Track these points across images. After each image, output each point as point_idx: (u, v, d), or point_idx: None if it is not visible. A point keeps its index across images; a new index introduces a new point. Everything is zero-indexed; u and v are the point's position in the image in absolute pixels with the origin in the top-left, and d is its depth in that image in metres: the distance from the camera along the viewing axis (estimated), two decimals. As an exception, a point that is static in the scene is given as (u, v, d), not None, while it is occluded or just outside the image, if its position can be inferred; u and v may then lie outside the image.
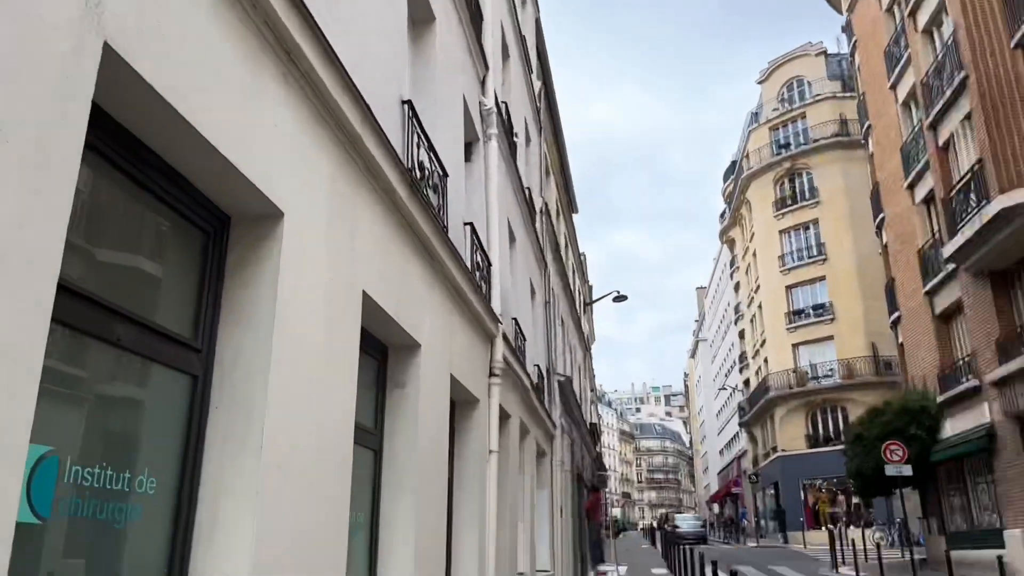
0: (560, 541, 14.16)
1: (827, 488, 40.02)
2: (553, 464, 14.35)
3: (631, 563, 26.68)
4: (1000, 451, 17.34)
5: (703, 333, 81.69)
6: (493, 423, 8.00)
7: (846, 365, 38.69)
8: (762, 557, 28.32)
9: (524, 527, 10.89)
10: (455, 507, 7.31)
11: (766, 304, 44.09)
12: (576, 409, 18.37)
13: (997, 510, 17.90)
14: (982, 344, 17.92)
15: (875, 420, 21.75)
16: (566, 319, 20.40)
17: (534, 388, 11.90)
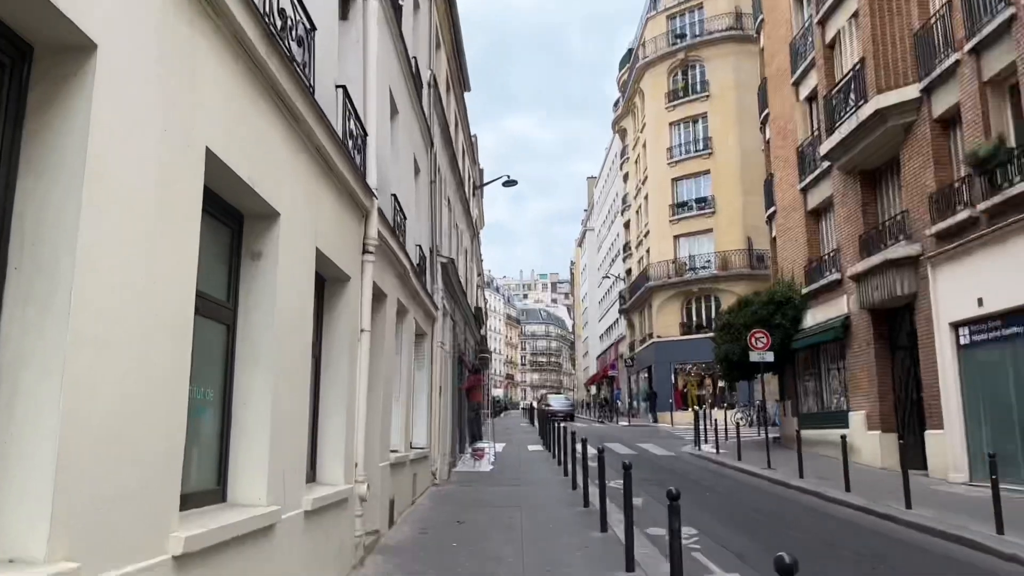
0: (438, 420, 14.34)
1: (696, 372, 42.51)
2: (433, 345, 14.33)
3: (509, 440, 27.71)
4: (852, 340, 18.64)
5: (591, 223, 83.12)
6: (366, 302, 7.72)
7: (722, 257, 40.38)
8: (632, 435, 30.01)
9: (400, 406, 10.87)
10: (323, 386, 7.09)
11: (652, 195, 44.99)
12: (460, 292, 18.31)
13: (845, 394, 19.42)
14: (847, 240, 18.89)
15: (743, 309, 22.89)
16: (453, 201, 20.02)
17: (415, 268, 11.63)
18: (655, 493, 13.37)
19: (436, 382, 14.36)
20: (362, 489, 7.41)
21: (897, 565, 7.86)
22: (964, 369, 14.38)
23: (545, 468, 17.63)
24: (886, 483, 14.42)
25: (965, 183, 14.18)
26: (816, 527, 10.18)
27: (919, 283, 15.69)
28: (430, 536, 9.17)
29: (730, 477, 16.62)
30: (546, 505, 11.62)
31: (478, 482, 14.99)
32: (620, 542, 8.44)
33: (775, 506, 12.19)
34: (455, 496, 12.87)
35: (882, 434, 17.28)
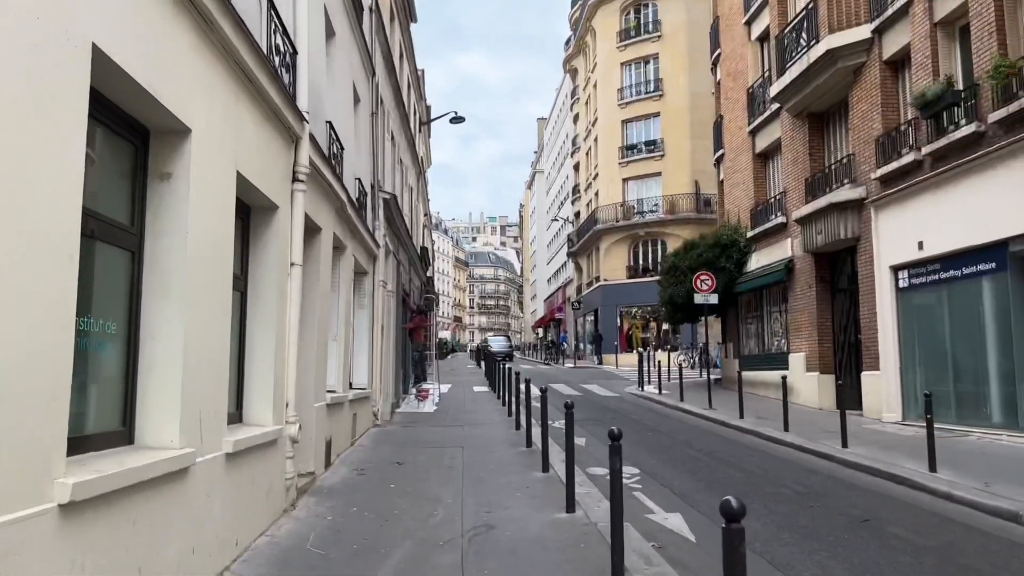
0: (380, 360, 14.02)
1: (641, 316, 42.91)
2: (375, 284, 13.90)
3: (456, 381, 27.60)
4: (795, 283, 18.81)
5: (541, 164, 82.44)
6: (296, 234, 7.26)
7: (670, 201, 40.42)
8: (578, 377, 30.21)
9: (338, 346, 10.50)
10: (250, 322, 6.67)
11: (602, 137, 44.58)
12: (404, 230, 17.81)
13: (786, 337, 19.68)
14: (793, 183, 18.89)
15: (689, 252, 22.90)
16: (398, 137, 19.34)
17: (354, 203, 11.13)
18: (598, 433, 13.36)
19: (378, 322, 13.98)
20: (293, 430, 7.08)
21: (836, 503, 7.90)
22: (902, 312, 14.60)
23: (489, 408, 17.53)
24: (823, 423, 14.70)
25: (911, 126, 14.16)
26: (756, 466, 10.25)
27: (862, 227, 15.78)
28: (367, 477, 8.92)
29: (672, 417, 16.76)
30: (488, 445, 11.48)
31: (421, 423, 14.80)
32: (561, 482, 8.32)
33: (716, 446, 12.28)
34: (396, 436, 12.65)
35: (820, 375, 17.59)
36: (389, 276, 15.80)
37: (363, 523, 6.68)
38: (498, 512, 7.02)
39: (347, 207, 10.07)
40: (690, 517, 7.24)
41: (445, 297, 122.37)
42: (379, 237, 14.04)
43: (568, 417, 7.10)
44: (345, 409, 10.74)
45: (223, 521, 5.23)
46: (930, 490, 8.55)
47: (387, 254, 15.47)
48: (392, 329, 16.05)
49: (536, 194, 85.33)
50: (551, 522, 6.62)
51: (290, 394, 7.09)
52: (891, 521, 7.11)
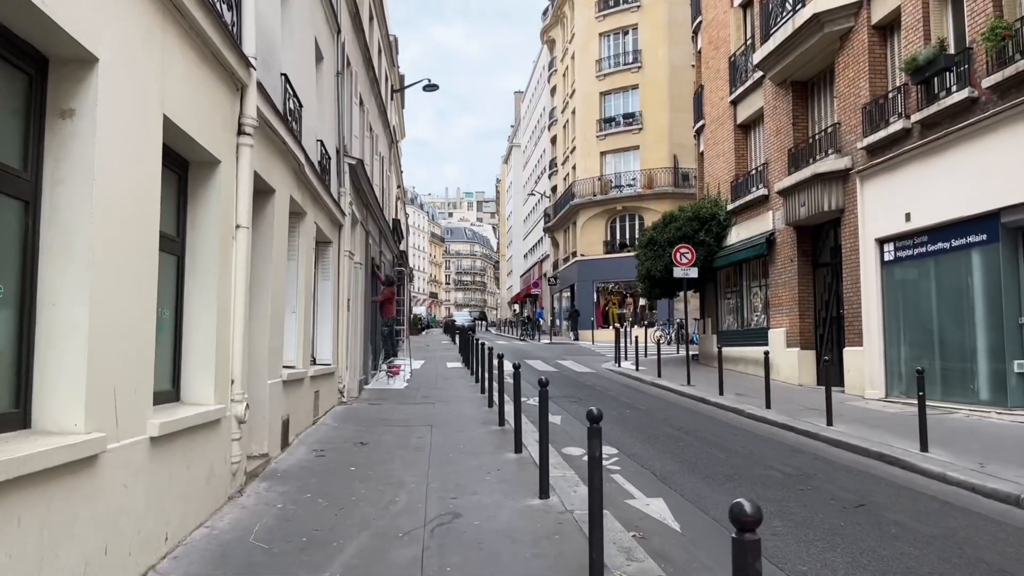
0: (345, 334, 13.34)
1: (618, 291, 42.50)
2: (340, 254, 13.18)
3: (429, 357, 26.98)
4: (776, 257, 18.35)
5: (518, 139, 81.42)
6: (243, 193, 6.55)
7: (648, 175, 39.86)
8: (553, 353, 29.73)
9: (298, 318, 9.81)
10: (188, 291, 5.98)
11: (579, 110, 43.83)
12: (373, 199, 17.05)
13: (766, 312, 19.27)
14: (775, 154, 18.37)
15: (668, 226, 22.37)
16: (368, 102, 18.50)
17: (315, 166, 10.39)
18: (574, 411, 12.83)
19: (344, 294, 13.28)
20: (239, 409, 6.42)
21: (827, 486, 7.42)
22: (886, 286, 14.18)
23: (462, 385, 16.95)
24: (804, 399, 14.30)
25: (901, 93, 13.64)
26: (740, 445, 9.77)
27: (847, 198, 15.31)
28: (327, 459, 8.30)
29: (650, 394, 16.29)
30: (459, 424, 10.90)
31: (390, 400, 14.18)
32: (535, 464, 7.77)
33: (696, 424, 11.81)
34: (362, 415, 12.02)
35: (801, 351, 17.20)
36: (356, 247, 15.07)
37: (316, 511, 6.07)
38: (466, 498, 6.44)
39: (306, 168, 9.34)
40: (673, 502, 6.72)
41: (421, 272, 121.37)
42: (344, 205, 13.30)
43: (542, 396, 6.52)
44: (305, 386, 10.08)
45: (148, 514, 4.59)
46: (923, 471, 8.11)
47: (354, 223, 14.73)
48: (360, 303, 15.36)
49: (513, 169, 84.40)
50: (523, 510, 6.05)
51: (236, 370, 6.43)
52: (887, 506, 6.64)
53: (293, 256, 9.83)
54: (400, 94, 37.13)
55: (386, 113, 23.76)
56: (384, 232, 21.25)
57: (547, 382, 6.59)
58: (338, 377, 13.09)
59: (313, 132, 10.80)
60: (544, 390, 6.51)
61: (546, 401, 6.46)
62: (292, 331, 9.72)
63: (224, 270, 6.21)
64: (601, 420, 4.38)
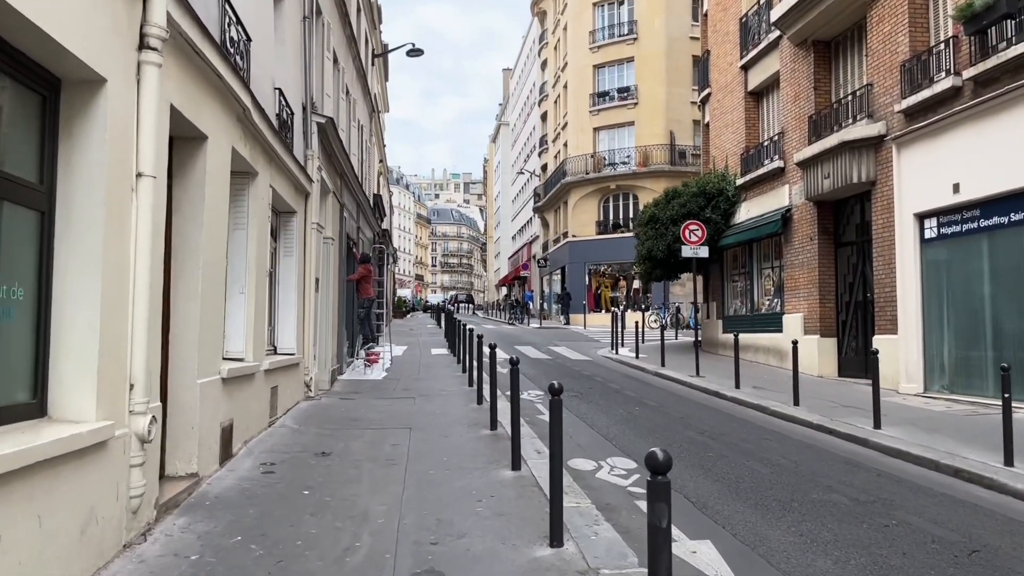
0: (313, 319, 11.61)
1: (610, 273, 40.89)
2: (306, 227, 11.43)
3: (412, 343, 25.28)
4: (793, 235, 16.73)
5: (506, 117, 79.35)
6: (148, 130, 4.80)
7: (643, 152, 38.12)
8: (544, 338, 28.09)
9: (248, 300, 8.08)
10: (59, 260, 4.25)
11: (572, 84, 41.97)
12: (348, 168, 15.24)
13: (780, 295, 17.67)
14: (794, 122, 16.70)
15: (671, 202, 20.70)
16: (344, 62, 16.63)
17: (268, 118, 8.62)
18: (576, 408, 11.18)
19: (311, 273, 11.54)
20: (140, 424, 4.71)
21: (918, 520, 5.79)
22: (926, 266, 12.58)
23: (447, 375, 15.27)
24: (832, 394, 12.73)
25: (948, 47, 11.98)
26: (780, 455, 8.15)
27: (879, 169, 13.67)
28: (276, 477, 6.60)
29: (656, 386, 14.67)
30: (443, 426, 9.22)
31: (365, 393, 12.49)
32: (538, 487, 6.11)
33: (719, 424, 10.18)
34: (331, 413, 10.32)
35: (821, 339, 15.61)
36: (328, 220, 13.31)
37: (242, 568, 4.38)
38: (450, 544, 4.77)
39: (254, 115, 7.56)
40: (725, 545, 5.07)
41: (406, 254, 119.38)
42: (312, 170, 11.52)
43: (554, 408, 4.81)
44: (258, 382, 8.36)
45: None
46: (1017, 493, 6.52)
47: (324, 193, 12.96)
48: (332, 283, 13.61)
49: (501, 148, 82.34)
50: (529, 569, 4.38)
51: (137, 371, 4.71)
52: (1007, 552, 5.02)
53: (240, 224, 8.08)
54: (383, 65, 35.20)
55: (366, 78, 21.88)
56: (363, 207, 19.46)
57: (560, 389, 4.88)
58: (304, 368, 11.38)
59: (269, 77, 9.01)
60: (556, 399, 4.82)
61: (559, 417, 4.77)
62: (239, 315, 7.99)
63: (117, 234, 4.48)
64: (668, 470, 2.68)
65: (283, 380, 9.85)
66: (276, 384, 9.39)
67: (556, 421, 4.66)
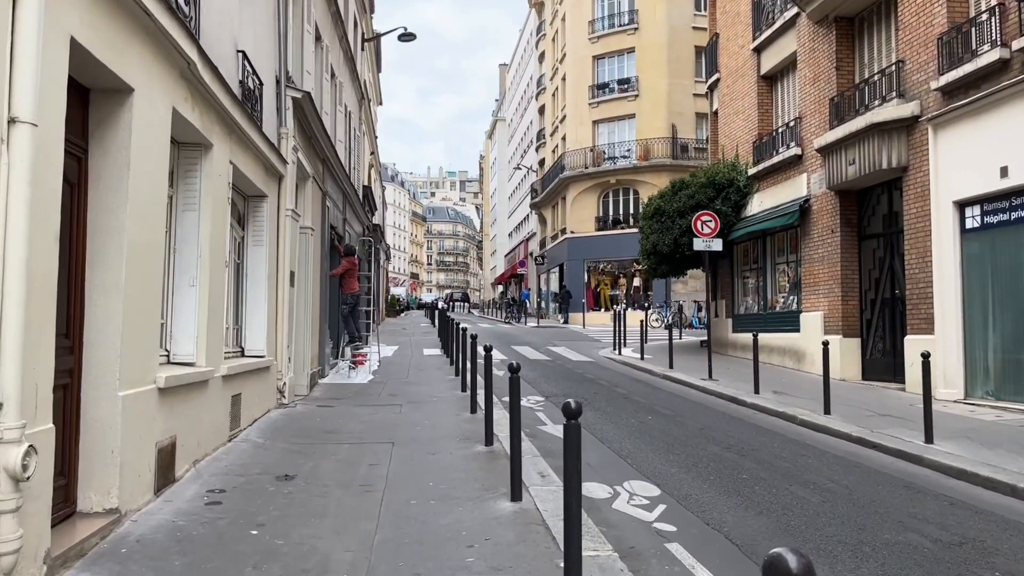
0: (287, 317, 10.38)
1: (610, 271, 39.70)
2: (280, 214, 10.21)
3: (404, 342, 24.06)
4: (811, 227, 15.54)
5: (502, 112, 78.08)
6: (22, 61, 3.58)
7: (644, 146, 36.91)
8: (543, 338, 26.88)
9: (200, 293, 6.84)
10: None
11: (570, 75, 40.74)
12: (331, 152, 14.00)
13: (796, 292, 16.48)
14: (813, 106, 15.50)
15: (679, 193, 19.50)
16: (329, 40, 15.37)
17: (226, 83, 7.39)
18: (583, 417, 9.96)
19: (285, 265, 10.30)
20: (11, 457, 3.48)
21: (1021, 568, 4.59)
22: (968, 259, 11.40)
23: (439, 379, 14.05)
24: (861, 400, 11.54)
25: (994, 15, 10.79)
26: (826, 477, 6.95)
27: (911, 153, 12.49)
28: (222, 509, 5.38)
29: (667, 391, 13.47)
30: (430, 440, 8.01)
31: (347, 400, 11.26)
32: (542, 523, 4.90)
33: (746, 437, 8.98)
34: (305, 424, 9.10)
35: (843, 339, 14.41)
36: (307, 208, 12.08)
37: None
38: (429, 617, 3.56)
39: (203, 74, 6.33)
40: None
41: (401, 252, 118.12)
42: (287, 150, 10.29)
43: (569, 433, 3.60)
44: (214, 390, 7.13)
45: None
46: None
47: (303, 178, 11.74)
48: (311, 277, 12.37)
49: (497, 143, 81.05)
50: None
51: (8, 383, 3.49)
52: None
53: (191, 205, 6.85)
54: (375, 55, 33.97)
55: (355, 62, 20.63)
56: (350, 198, 18.22)
57: (579, 410, 3.66)
58: (276, 372, 10.15)
59: (229, 36, 7.78)
60: (573, 424, 3.60)
61: (576, 449, 3.55)
62: (188, 312, 6.76)
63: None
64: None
65: (249, 386, 8.62)
66: (239, 391, 8.16)
67: (572, 457, 3.46)
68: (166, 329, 6.70)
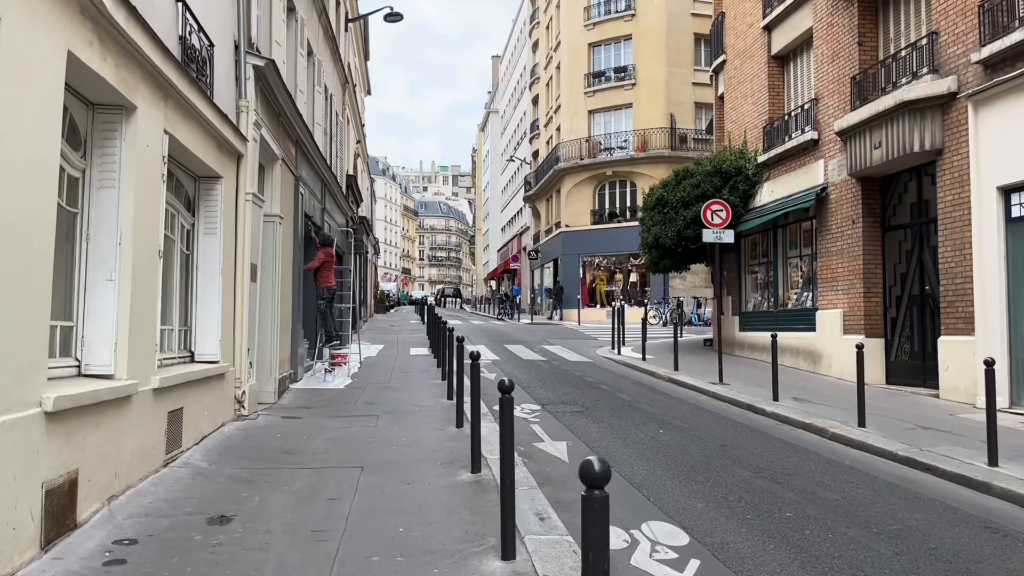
0: (246, 316, 9.10)
1: (606, 266, 38.49)
2: (239, 199, 8.93)
3: (391, 340, 22.78)
4: (830, 218, 14.32)
5: (495, 104, 76.64)
6: None
7: (641, 136, 35.66)
8: (536, 335, 25.63)
9: (118, 289, 5.56)
10: None
11: (565, 63, 39.42)
12: (305, 133, 12.68)
13: (812, 288, 15.27)
14: (832, 85, 14.27)
15: (683, 183, 18.26)
16: (306, 14, 14.03)
17: (160, 39, 6.10)
18: (582, 429, 8.73)
19: (244, 257, 9.01)
20: None
21: None
22: (1014, 251, 10.19)
23: (423, 383, 12.78)
24: (895, 409, 10.30)
25: (1049, -23, 9.57)
26: (885, 514, 5.72)
27: (947, 133, 11.27)
28: (125, 571, 4.10)
29: (676, 397, 12.23)
30: (408, 466, 6.74)
31: (317, 409, 9.99)
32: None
33: (773, 455, 7.75)
34: (261, 441, 7.82)
35: (865, 339, 13.19)
36: (274, 194, 10.78)
37: None
38: None
39: (118, 17, 5.03)
40: None
41: (393, 247, 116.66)
42: (246, 126, 8.99)
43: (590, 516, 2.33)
44: (139, 406, 5.84)
45: None
46: None
47: (270, 160, 10.46)
48: (281, 271, 11.06)
49: (490, 136, 79.62)
50: None
51: None
52: None
53: (108, 182, 5.56)
54: (362, 40, 32.59)
55: (336, 42, 19.29)
56: (330, 186, 16.90)
57: (604, 475, 2.39)
58: (235, 379, 8.87)
59: None
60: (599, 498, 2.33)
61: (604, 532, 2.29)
62: (105, 312, 5.49)
63: None
64: None
65: (195, 398, 7.34)
66: (180, 405, 6.87)
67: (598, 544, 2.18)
68: (76, 334, 5.43)
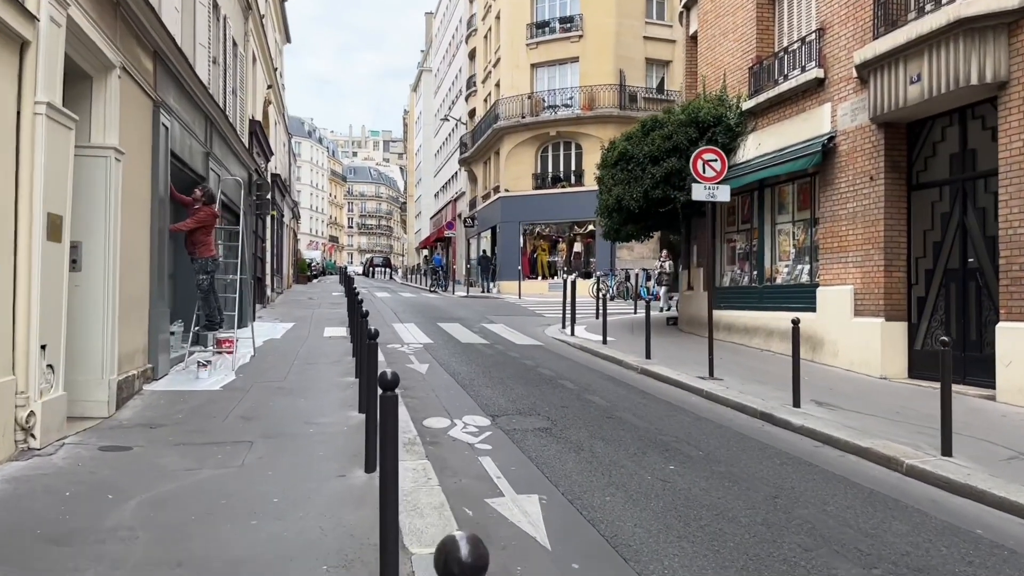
0: (39, 291, 5.89)
1: (548, 235, 35.75)
2: (22, 111, 5.68)
3: (304, 317, 19.49)
4: (838, 173, 11.74)
5: (428, 63, 72.52)
6: None
7: (588, 93, 32.78)
8: (475, 311, 22.66)
9: None
10: None
11: (506, 12, 36.13)
12: (172, 48, 9.32)
13: (811, 259, 12.72)
14: (843, 12, 11.61)
15: (650, 134, 15.45)
16: None
17: None
18: (549, 462, 5.82)
19: (35, 204, 5.76)
20: None
21: None
22: (1116, 214, 7.72)
23: (331, 381, 9.70)
24: (961, 420, 7.68)
25: None
26: None
27: (1013, 62, 8.72)
28: None
29: (663, 399, 9.48)
30: (270, 562, 3.72)
31: (166, 428, 6.84)
32: None
33: (872, 523, 5.04)
34: (25, 514, 4.68)
35: (885, 323, 10.74)
36: (111, 119, 7.46)
37: None
38: None
39: None
40: None
41: (319, 214, 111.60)
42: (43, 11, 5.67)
43: None
44: None
45: None
46: None
47: (101, 68, 7.15)
48: (121, 230, 7.74)
49: (423, 96, 75.51)
50: None
51: None
52: None
53: None
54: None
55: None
56: (219, 126, 13.45)
57: None
58: (18, 393, 5.65)
59: None
60: None
61: None
62: None
63: None
64: None
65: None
66: None
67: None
68: None
